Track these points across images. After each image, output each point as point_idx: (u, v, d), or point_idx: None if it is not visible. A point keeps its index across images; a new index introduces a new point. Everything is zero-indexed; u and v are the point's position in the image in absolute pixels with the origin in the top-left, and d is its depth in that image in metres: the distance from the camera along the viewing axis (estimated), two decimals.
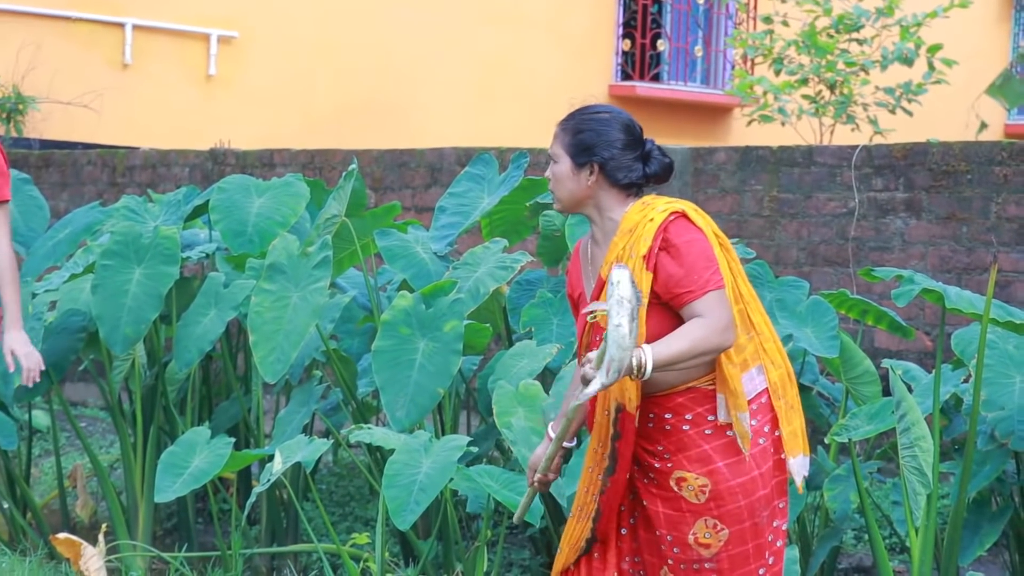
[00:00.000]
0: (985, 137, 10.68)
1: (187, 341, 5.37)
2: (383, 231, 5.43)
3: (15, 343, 4.93)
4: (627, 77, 14.14)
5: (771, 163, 6.83)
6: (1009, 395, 4.55)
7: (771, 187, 6.82)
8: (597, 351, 3.11)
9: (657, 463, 3.32)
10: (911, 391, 4.76)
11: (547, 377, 5.04)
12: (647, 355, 3.13)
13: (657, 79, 14.34)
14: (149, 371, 5.81)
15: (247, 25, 11.97)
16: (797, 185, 6.75)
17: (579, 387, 3.24)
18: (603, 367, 3.06)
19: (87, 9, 11.28)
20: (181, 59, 11.72)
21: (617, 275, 3.04)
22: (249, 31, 11.98)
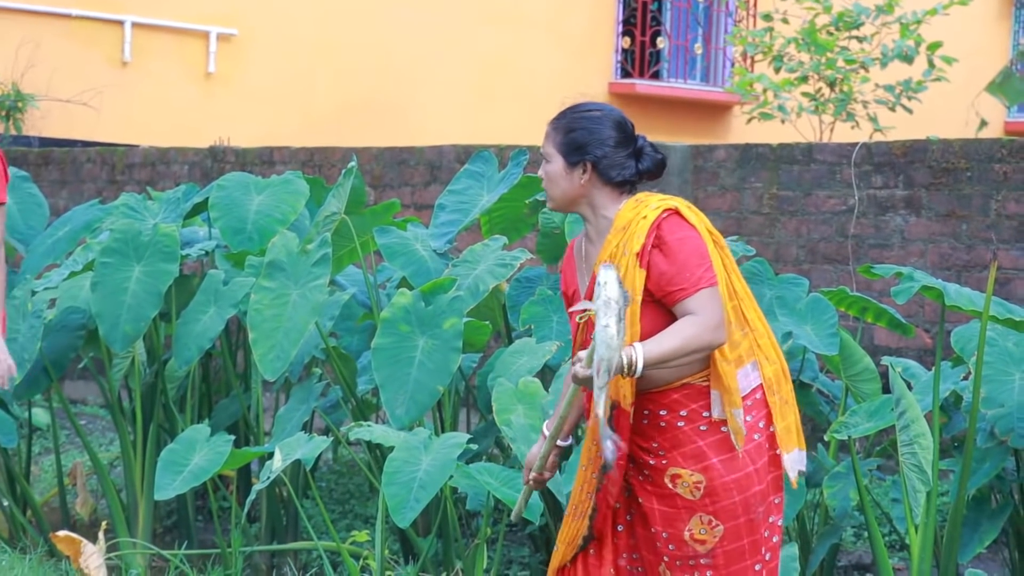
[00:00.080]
0: (985, 134, 10.68)
1: (187, 339, 5.36)
2: (382, 228, 5.43)
3: None
4: (627, 75, 14.14)
5: (771, 161, 6.83)
6: (1009, 392, 4.55)
7: (771, 184, 6.82)
8: (588, 350, 3.13)
9: (652, 460, 3.32)
10: (911, 388, 4.76)
11: (547, 374, 5.04)
12: (638, 353, 3.14)
13: (657, 77, 14.34)
14: (149, 369, 5.81)
15: (247, 23, 11.97)
16: (797, 183, 6.75)
17: (572, 385, 3.26)
18: (593, 368, 3.08)
19: (86, 7, 11.28)
20: (180, 57, 11.72)
21: (604, 276, 3.06)
22: (249, 29, 11.98)
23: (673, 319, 3.25)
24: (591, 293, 3.34)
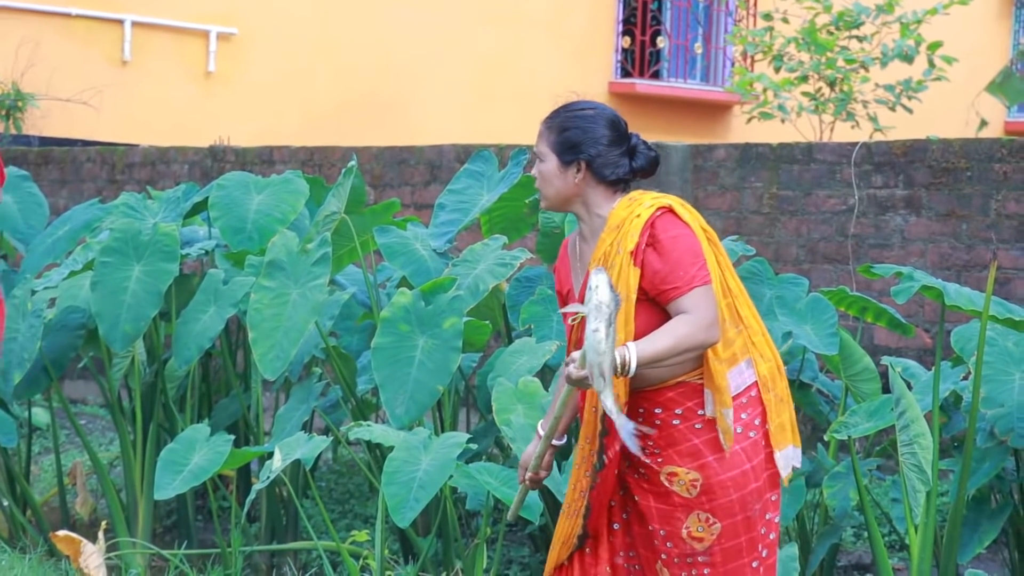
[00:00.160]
0: (985, 134, 10.68)
1: (186, 338, 5.36)
2: (382, 228, 5.43)
3: None
4: (627, 74, 14.14)
5: (771, 160, 6.83)
6: (1008, 392, 4.55)
7: (771, 184, 6.82)
8: (581, 351, 3.13)
9: (648, 458, 3.32)
10: (910, 388, 4.76)
11: (546, 374, 5.03)
12: (631, 353, 3.14)
13: (657, 76, 14.34)
14: (149, 368, 5.81)
15: (246, 22, 11.96)
16: (797, 182, 6.75)
17: (565, 385, 3.26)
18: (586, 371, 3.09)
19: (86, 6, 11.27)
20: (180, 56, 11.72)
21: (595, 280, 3.06)
22: (248, 28, 11.98)
23: (667, 318, 3.25)
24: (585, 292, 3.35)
